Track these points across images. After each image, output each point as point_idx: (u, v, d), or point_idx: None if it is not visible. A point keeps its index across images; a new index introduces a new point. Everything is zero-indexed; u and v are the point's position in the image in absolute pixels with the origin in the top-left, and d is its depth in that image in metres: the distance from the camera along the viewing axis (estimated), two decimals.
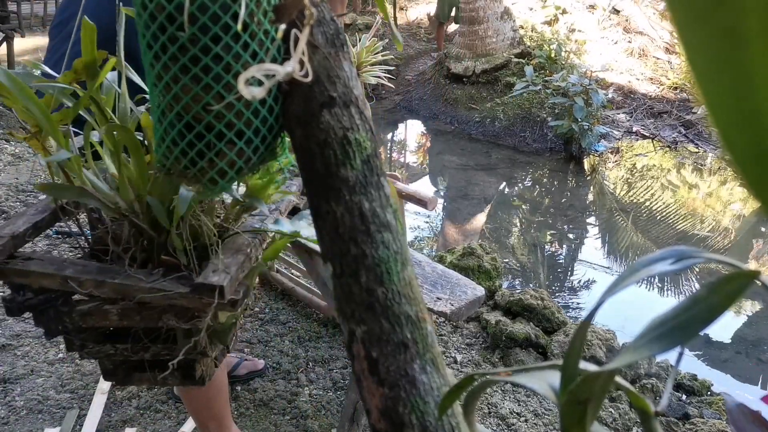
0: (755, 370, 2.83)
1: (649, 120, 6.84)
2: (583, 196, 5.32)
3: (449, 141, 6.69)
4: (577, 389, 0.32)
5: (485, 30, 7.30)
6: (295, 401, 1.97)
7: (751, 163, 0.17)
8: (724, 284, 0.26)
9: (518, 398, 2.14)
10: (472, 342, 2.49)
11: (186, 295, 0.72)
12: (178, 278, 0.73)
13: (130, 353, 0.81)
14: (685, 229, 4.60)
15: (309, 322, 2.41)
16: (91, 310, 0.75)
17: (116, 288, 0.72)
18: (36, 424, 1.76)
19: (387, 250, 0.51)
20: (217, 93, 0.52)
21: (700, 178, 5.63)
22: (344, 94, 0.53)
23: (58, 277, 0.71)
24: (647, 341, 0.28)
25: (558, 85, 5.89)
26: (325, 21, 0.54)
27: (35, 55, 8.03)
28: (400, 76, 8.36)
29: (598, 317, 2.96)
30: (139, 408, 1.85)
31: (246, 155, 0.56)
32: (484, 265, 2.85)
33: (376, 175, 0.53)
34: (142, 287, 0.72)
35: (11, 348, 2.06)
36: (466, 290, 1.60)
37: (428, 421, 0.46)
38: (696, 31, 0.16)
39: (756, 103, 0.16)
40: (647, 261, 0.33)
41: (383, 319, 0.49)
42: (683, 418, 2.16)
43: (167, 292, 0.72)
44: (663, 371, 2.41)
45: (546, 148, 6.26)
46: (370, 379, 0.48)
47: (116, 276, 0.72)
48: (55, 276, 0.71)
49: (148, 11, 0.51)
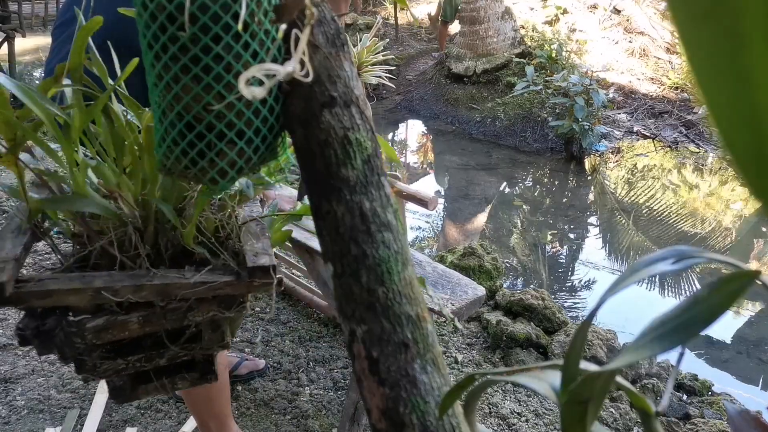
0: (756, 371, 2.83)
1: (649, 120, 6.84)
2: (584, 196, 5.32)
3: (450, 141, 6.69)
4: (578, 389, 0.32)
5: (486, 30, 7.30)
6: (296, 401, 1.97)
7: (752, 162, 0.17)
8: (724, 284, 0.26)
9: (519, 398, 2.14)
10: (473, 342, 2.49)
11: (232, 282, 0.71)
12: (211, 271, 0.73)
13: (144, 363, 0.77)
14: (686, 229, 4.60)
15: (310, 322, 2.42)
16: (108, 324, 0.70)
17: (158, 289, 0.69)
18: (37, 423, 1.76)
19: (388, 250, 0.51)
20: (218, 93, 0.52)
21: (701, 178, 5.63)
22: (345, 94, 0.53)
23: (88, 290, 0.66)
24: (648, 341, 0.28)
25: (559, 85, 5.89)
26: (325, 21, 0.55)
27: (36, 55, 8.04)
28: (400, 76, 8.37)
29: (599, 317, 2.97)
30: (139, 408, 1.86)
31: (247, 155, 0.56)
32: (485, 265, 2.85)
33: (376, 175, 0.53)
34: (186, 284, 0.69)
35: (12, 348, 2.06)
36: (466, 290, 1.60)
37: (429, 421, 0.46)
38: (696, 31, 0.16)
39: (756, 103, 0.16)
40: (648, 261, 0.33)
41: (384, 319, 0.49)
42: (684, 418, 2.16)
43: (212, 283, 0.70)
44: (664, 371, 2.41)
45: (547, 147, 6.26)
46: (371, 378, 0.49)
47: (153, 278, 0.69)
48: (85, 290, 0.66)
49: (149, 11, 0.51)
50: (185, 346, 0.79)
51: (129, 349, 0.77)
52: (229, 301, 0.75)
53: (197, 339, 0.80)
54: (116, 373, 0.76)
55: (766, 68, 0.16)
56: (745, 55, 0.16)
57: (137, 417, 1.82)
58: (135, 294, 0.68)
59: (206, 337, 0.79)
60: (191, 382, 0.84)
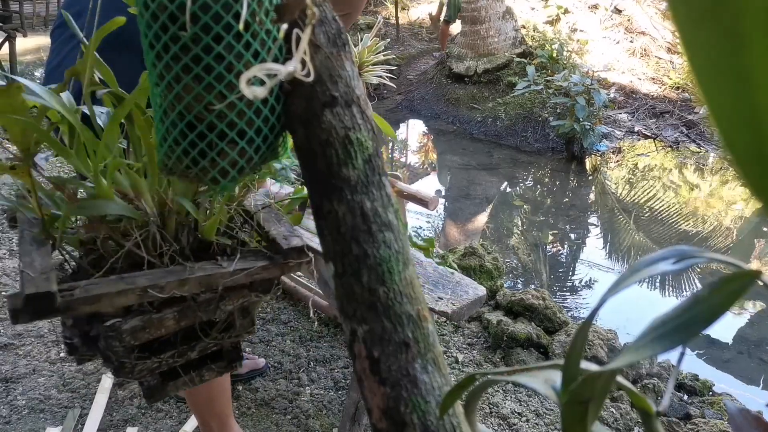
0: (757, 371, 2.83)
1: (650, 120, 6.83)
2: (585, 196, 5.32)
3: (451, 141, 6.68)
4: (579, 389, 0.32)
5: (487, 30, 7.30)
6: (297, 401, 1.97)
7: (752, 162, 0.17)
8: (725, 284, 0.26)
9: (519, 398, 2.14)
10: (474, 342, 2.49)
11: (267, 266, 0.75)
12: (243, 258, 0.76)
13: (176, 359, 0.78)
14: (687, 228, 4.59)
15: (310, 322, 2.42)
16: (145, 323, 0.71)
17: (200, 281, 0.71)
18: (38, 423, 1.76)
19: (389, 250, 0.51)
20: (219, 92, 0.52)
21: (702, 178, 5.63)
22: (346, 94, 0.53)
23: (135, 290, 0.67)
24: (649, 341, 0.28)
25: (560, 84, 5.89)
26: (327, 20, 0.55)
27: (37, 55, 8.04)
28: (401, 75, 8.37)
29: (600, 317, 2.96)
30: (140, 407, 1.86)
31: (248, 155, 0.56)
32: (486, 265, 2.85)
33: (377, 175, 0.53)
34: (225, 273, 0.72)
35: (13, 347, 2.06)
36: (467, 290, 1.60)
37: (429, 421, 0.46)
38: (697, 31, 0.16)
39: (756, 103, 0.16)
40: (649, 261, 0.33)
41: (385, 319, 0.49)
42: (685, 418, 2.16)
43: (249, 269, 0.73)
44: (664, 371, 2.41)
45: (548, 147, 6.25)
46: (372, 378, 0.49)
47: (194, 271, 0.71)
48: (132, 290, 0.67)
49: (150, 11, 0.51)
50: (216, 336, 0.81)
51: (161, 347, 0.79)
52: (266, 284, 0.80)
53: (229, 328, 0.83)
54: (150, 372, 0.78)
55: (766, 68, 0.16)
56: (745, 55, 0.16)
57: (138, 417, 1.82)
58: (179, 288, 0.70)
59: (238, 324, 0.82)
60: (218, 372, 0.87)
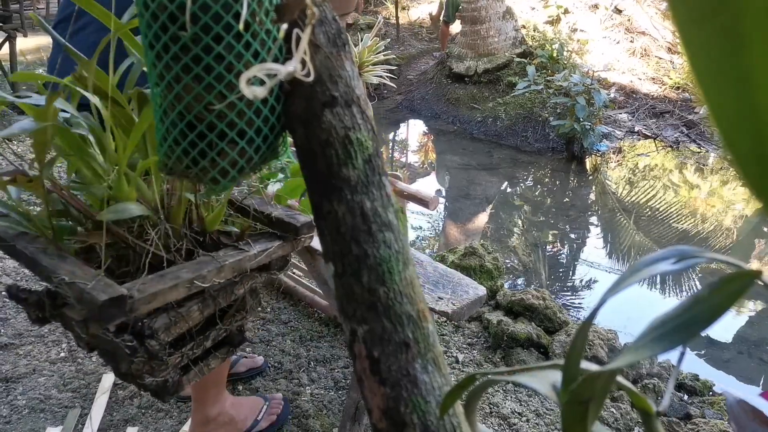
0: (757, 371, 2.83)
1: (651, 120, 6.83)
2: (585, 196, 5.32)
3: (451, 141, 6.68)
4: (579, 389, 0.32)
5: (487, 30, 7.29)
6: (297, 400, 1.97)
7: (752, 162, 0.17)
8: (725, 284, 0.26)
9: (520, 398, 2.14)
10: (474, 342, 2.49)
11: (283, 244, 0.83)
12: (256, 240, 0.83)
13: (194, 350, 0.83)
14: (687, 228, 4.59)
15: (310, 322, 2.42)
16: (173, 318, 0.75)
17: (234, 266, 0.78)
18: (38, 423, 1.76)
19: (389, 250, 0.51)
20: (219, 92, 0.52)
21: (702, 178, 5.63)
22: (346, 94, 0.53)
23: (184, 283, 0.71)
24: (649, 341, 0.28)
25: (560, 84, 5.89)
26: (327, 20, 0.55)
27: (38, 55, 8.04)
28: (401, 75, 8.37)
29: (600, 317, 2.96)
30: (140, 407, 1.86)
31: (248, 155, 0.56)
32: (486, 265, 2.85)
33: (377, 175, 0.53)
34: (252, 255, 0.79)
35: (13, 347, 2.06)
36: (467, 290, 1.60)
37: (429, 421, 0.46)
38: (697, 31, 0.16)
39: (756, 103, 0.16)
40: (649, 260, 0.33)
41: (385, 319, 0.49)
42: (685, 418, 2.16)
43: (269, 249, 0.81)
44: (665, 371, 2.41)
45: (548, 147, 6.25)
46: (372, 378, 0.49)
47: (225, 258, 0.78)
48: (181, 284, 0.71)
49: (150, 11, 0.51)
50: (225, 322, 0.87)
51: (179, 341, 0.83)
52: (282, 261, 0.88)
53: (240, 310, 0.89)
54: (174, 368, 0.82)
55: (766, 68, 0.16)
56: (745, 55, 0.16)
57: (138, 416, 1.82)
58: (218, 276, 0.76)
59: (249, 305, 0.89)
60: (221, 358, 0.92)
